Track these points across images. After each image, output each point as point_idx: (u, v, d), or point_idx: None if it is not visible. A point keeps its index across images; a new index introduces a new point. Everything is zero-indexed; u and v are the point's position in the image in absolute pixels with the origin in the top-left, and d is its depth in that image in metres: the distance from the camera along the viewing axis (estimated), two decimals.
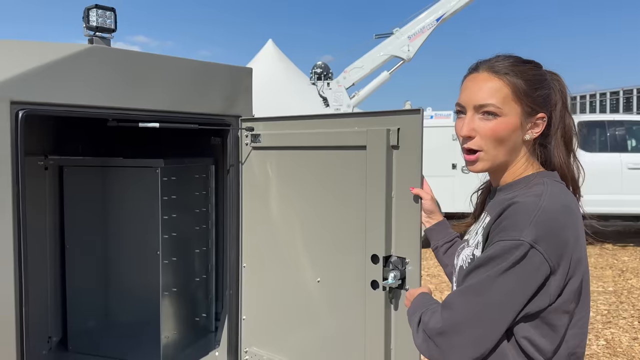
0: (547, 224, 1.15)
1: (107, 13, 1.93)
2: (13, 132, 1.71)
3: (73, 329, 2.72)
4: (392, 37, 9.74)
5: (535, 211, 1.16)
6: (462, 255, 1.36)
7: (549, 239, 1.14)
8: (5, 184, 1.70)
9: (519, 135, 1.31)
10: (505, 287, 1.13)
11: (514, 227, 1.15)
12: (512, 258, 1.12)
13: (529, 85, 1.30)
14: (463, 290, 1.17)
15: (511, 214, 1.18)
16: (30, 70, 1.76)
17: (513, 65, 1.31)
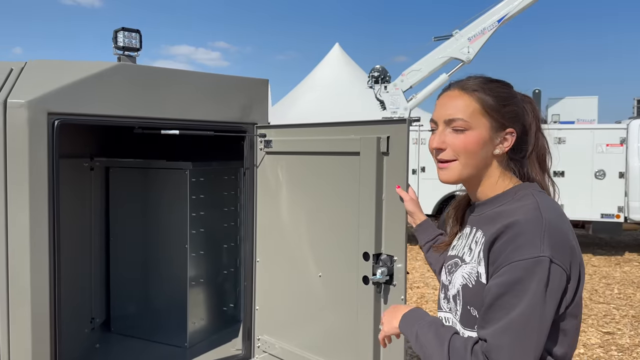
0: (556, 235, 1.18)
1: (132, 34, 2.20)
2: (50, 138, 2.01)
3: (115, 312, 3.06)
4: (452, 39, 9.69)
5: (542, 225, 1.19)
6: (462, 273, 1.34)
7: (561, 249, 1.18)
8: (42, 180, 2.00)
9: (488, 149, 1.36)
10: (542, 310, 1.15)
11: (528, 245, 1.16)
12: (537, 277, 1.14)
13: (497, 101, 1.36)
14: (505, 328, 1.15)
15: (519, 231, 1.19)
16: (65, 85, 2.06)
17: (482, 83, 1.39)
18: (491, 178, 1.39)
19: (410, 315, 1.41)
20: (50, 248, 2.04)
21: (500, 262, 1.20)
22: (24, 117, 1.97)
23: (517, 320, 1.15)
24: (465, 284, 1.32)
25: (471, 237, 1.38)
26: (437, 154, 1.38)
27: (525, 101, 1.42)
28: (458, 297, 1.34)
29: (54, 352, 2.07)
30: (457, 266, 1.38)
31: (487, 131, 1.35)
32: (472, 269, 1.31)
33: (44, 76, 2.08)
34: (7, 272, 2.00)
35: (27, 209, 1.98)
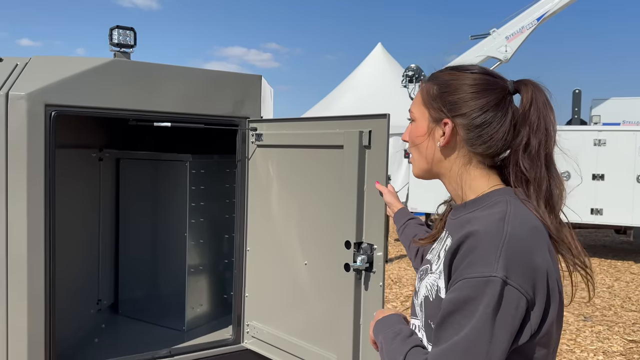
0: (517, 253, 1.04)
1: (127, 32, 2.35)
2: (47, 128, 2.18)
3: (123, 296, 3.23)
4: (489, 37, 9.55)
5: (501, 239, 1.05)
6: (426, 283, 1.25)
7: (520, 269, 1.03)
8: (39, 167, 2.17)
9: (431, 142, 1.25)
10: (490, 336, 1.02)
11: (481, 261, 1.04)
12: (486, 299, 1.01)
13: (440, 89, 1.23)
14: (447, 350, 1.04)
15: (475, 244, 1.07)
16: (62, 79, 2.22)
17: (440, 71, 1.28)
18: (459, 178, 1.25)
19: (382, 322, 1.32)
20: (46, 231, 2.21)
21: (455, 276, 1.09)
22: (24, 108, 2.14)
23: (460, 344, 1.03)
24: (427, 296, 1.22)
25: (442, 243, 1.28)
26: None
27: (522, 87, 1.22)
28: (420, 308, 1.25)
29: (48, 329, 2.23)
30: (426, 273, 1.29)
31: (427, 122, 1.25)
32: (434, 280, 1.21)
33: (44, 71, 2.25)
34: (6, 253, 2.18)
35: (25, 193, 2.15)
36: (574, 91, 9.58)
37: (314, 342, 2.41)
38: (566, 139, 1.31)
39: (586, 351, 4.79)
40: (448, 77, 1.25)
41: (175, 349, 2.57)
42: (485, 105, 1.19)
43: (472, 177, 1.24)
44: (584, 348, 4.87)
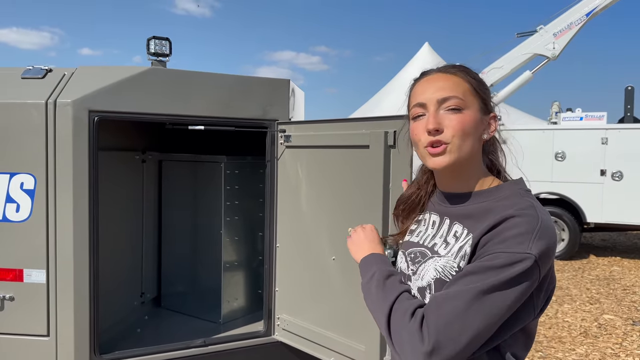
0: (547, 239, 1.14)
1: (163, 42, 2.52)
2: (90, 132, 2.37)
3: (164, 290, 3.43)
4: (536, 35, 9.35)
5: (538, 224, 1.14)
6: (435, 266, 1.28)
7: (546, 254, 1.13)
8: (83, 168, 2.36)
9: (479, 132, 1.29)
10: (500, 302, 1.10)
11: (519, 239, 1.12)
12: (515, 270, 1.10)
13: (479, 84, 1.31)
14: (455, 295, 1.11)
15: (511, 225, 1.14)
16: (104, 87, 2.41)
17: (460, 68, 1.33)
18: (473, 168, 1.32)
19: (372, 259, 1.41)
20: (91, 228, 2.40)
21: (482, 251, 1.16)
22: (70, 114, 2.34)
23: (470, 293, 1.10)
24: (439, 278, 1.25)
25: (444, 229, 1.33)
26: (433, 136, 1.26)
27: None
28: (428, 289, 1.28)
29: (93, 320, 2.42)
30: (426, 257, 1.32)
31: (478, 112, 1.28)
32: (447, 262, 1.25)
33: (88, 79, 2.45)
34: (55, 249, 2.38)
35: (71, 192, 2.36)
36: (626, 88, 9.25)
37: (342, 334, 2.50)
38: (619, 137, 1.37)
39: (631, 355, 4.66)
40: (476, 75, 1.34)
41: (210, 340, 2.72)
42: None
43: (482, 168, 1.35)
44: (630, 352, 4.74)
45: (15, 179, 2.38)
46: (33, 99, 2.37)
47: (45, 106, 2.35)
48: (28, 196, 2.37)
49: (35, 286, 2.40)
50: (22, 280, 2.41)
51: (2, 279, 2.42)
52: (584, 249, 9.56)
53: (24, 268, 2.41)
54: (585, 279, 7.55)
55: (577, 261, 8.74)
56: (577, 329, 5.40)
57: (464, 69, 1.33)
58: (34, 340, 2.43)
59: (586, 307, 6.16)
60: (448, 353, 1.09)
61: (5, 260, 2.41)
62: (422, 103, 1.29)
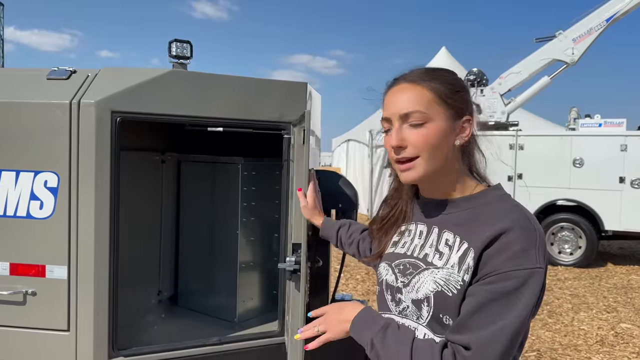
0: (544, 246, 1.19)
1: (184, 45, 2.57)
2: (113, 132, 2.43)
3: (181, 289, 3.48)
4: (555, 40, 9.33)
5: (536, 236, 1.18)
6: (434, 279, 1.26)
7: (546, 259, 1.20)
8: (105, 167, 2.42)
9: (450, 141, 1.29)
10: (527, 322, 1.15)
11: (524, 255, 1.14)
12: (531, 289, 1.13)
13: (449, 88, 1.30)
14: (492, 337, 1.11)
15: (514, 240, 1.16)
16: (126, 88, 2.47)
17: (427, 73, 1.32)
18: (451, 175, 1.33)
19: (362, 319, 1.31)
20: (111, 226, 2.45)
21: (490, 269, 1.16)
22: (93, 115, 2.40)
23: (505, 331, 1.10)
24: (440, 291, 1.24)
25: (433, 237, 1.32)
26: (397, 153, 1.29)
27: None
28: (426, 302, 1.26)
29: (112, 316, 2.47)
30: (419, 268, 1.31)
31: (446, 121, 1.28)
32: (450, 275, 1.24)
33: (111, 81, 2.51)
34: (77, 246, 2.44)
35: (93, 191, 2.41)
36: None
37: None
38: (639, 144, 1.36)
39: None
40: (452, 77, 1.34)
41: (225, 338, 2.76)
42: (473, 103, 1.36)
43: (462, 173, 1.35)
44: None
45: (39, 177, 2.44)
46: (57, 99, 2.43)
47: (69, 106, 2.41)
48: (51, 194, 2.44)
49: (57, 282, 2.46)
50: (44, 276, 2.47)
51: (25, 274, 2.48)
52: (602, 257, 9.45)
53: (46, 264, 2.47)
54: (603, 287, 7.46)
55: (595, 269, 8.65)
56: (594, 337, 5.35)
57: (431, 75, 1.31)
58: (55, 334, 2.48)
59: (603, 316, 6.09)
60: None
61: (29, 256, 2.47)
62: (387, 118, 1.32)
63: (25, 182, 2.45)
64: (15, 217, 2.47)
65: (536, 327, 5.53)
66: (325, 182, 3.20)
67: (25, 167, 2.46)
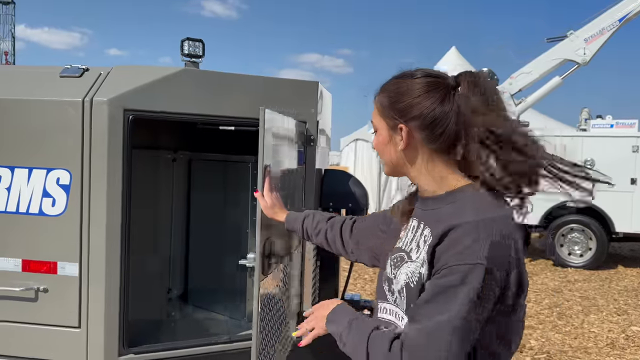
0: (495, 243, 1.18)
1: (196, 43, 2.57)
2: (125, 130, 2.44)
3: (191, 286, 3.49)
4: (566, 40, 9.24)
5: (481, 230, 1.19)
6: (406, 271, 1.34)
7: (499, 257, 1.18)
8: (117, 165, 2.42)
9: (394, 146, 1.38)
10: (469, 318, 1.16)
11: (466, 250, 1.17)
12: (470, 285, 1.15)
13: (389, 99, 1.38)
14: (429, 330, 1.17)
15: (458, 236, 1.20)
16: (139, 86, 2.47)
17: (387, 83, 1.43)
18: (418, 174, 1.38)
19: (335, 314, 1.43)
20: (123, 223, 2.45)
21: (441, 263, 1.21)
22: (105, 113, 2.41)
23: (451, 323, 1.15)
24: (407, 283, 1.32)
25: (419, 233, 1.37)
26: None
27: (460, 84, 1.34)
28: (402, 293, 1.34)
29: (122, 314, 2.48)
30: (403, 261, 1.38)
31: (387, 131, 1.40)
32: (415, 268, 1.31)
33: (123, 79, 2.51)
34: (88, 243, 2.45)
35: (105, 187, 2.42)
36: None
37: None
38: None
39: None
40: (394, 87, 1.39)
41: (235, 337, 2.76)
42: (432, 105, 1.31)
43: (439, 172, 1.37)
44: None
45: (52, 175, 2.46)
46: (70, 97, 2.44)
47: (82, 104, 2.42)
48: (63, 191, 2.45)
49: (68, 279, 2.47)
50: (55, 273, 2.48)
51: (37, 271, 2.50)
52: (612, 259, 9.38)
53: (57, 261, 2.48)
54: (613, 290, 7.41)
55: (605, 271, 8.58)
56: (604, 340, 5.31)
57: (384, 86, 1.42)
58: (66, 331, 2.50)
59: (613, 318, 6.05)
60: None
61: (41, 252, 2.49)
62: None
63: (37, 180, 2.47)
64: (27, 214, 2.48)
65: (546, 329, 5.50)
66: (335, 181, 3.20)
67: (38, 165, 2.47)
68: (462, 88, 1.33)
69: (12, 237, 2.51)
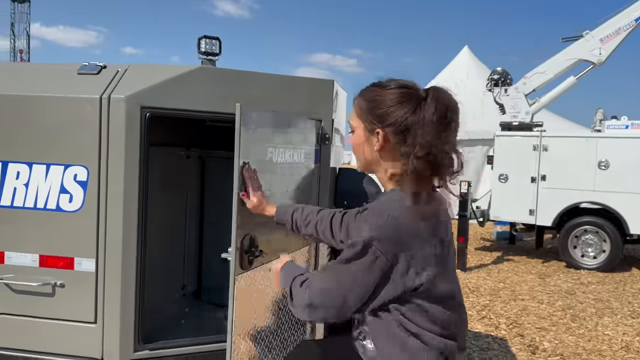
0: (389, 228, 1.44)
1: (213, 41, 2.58)
2: (142, 127, 2.45)
3: (205, 284, 3.50)
4: (582, 40, 9.15)
5: (375, 215, 1.48)
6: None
7: (390, 240, 1.44)
8: (134, 161, 2.43)
9: (369, 147, 1.60)
10: (351, 274, 1.49)
11: (359, 228, 1.51)
12: (352, 252, 1.48)
13: (368, 104, 1.58)
14: (324, 274, 1.65)
15: (360, 218, 1.55)
16: (156, 84, 2.48)
17: (366, 88, 1.62)
18: (382, 172, 1.63)
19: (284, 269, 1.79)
20: (139, 220, 2.47)
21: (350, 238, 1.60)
22: (123, 110, 2.42)
23: (330, 275, 1.56)
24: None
25: None
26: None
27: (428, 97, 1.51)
28: None
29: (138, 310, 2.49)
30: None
31: (363, 131, 1.60)
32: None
33: (140, 76, 2.53)
34: (105, 238, 2.46)
35: (122, 184, 2.43)
36: None
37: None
38: None
39: None
40: (373, 94, 1.58)
41: None
42: (405, 114, 1.51)
43: (390, 175, 1.59)
44: None
45: (69, 171, 2.48)
46: (88, 94, 2.46)
47: (99, 101, 2.44)
48: (81, 187, 2.47)
49: (85, 274, 2.49)
50: (72, 268, 2.50)
51: (54, 266, 2.52)
52: (627, 261, 9.27)
53: (74, 256, 2.50)
54: (627, 292, 7.33)
55: (619, 274, 8.49)
56: (619, 343, 5.25)
57: (363, 92, 1.62)
58: (82, 326, 2.52)
59: (628, 321, 5.98)
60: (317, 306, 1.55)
61: (58, 248, 2.51)
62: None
63: (55, 176, 2.49)
64: (45, 209, 2.50)
65: (559, 332, 5.45)
66: (350, 180, 3.19)
67: (56, 161, 2.49)
68: (429, 100, 1.50)
69: (30, 233, 2.53)
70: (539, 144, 8.92)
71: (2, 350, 2.58)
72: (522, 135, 9.00)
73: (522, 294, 7.02)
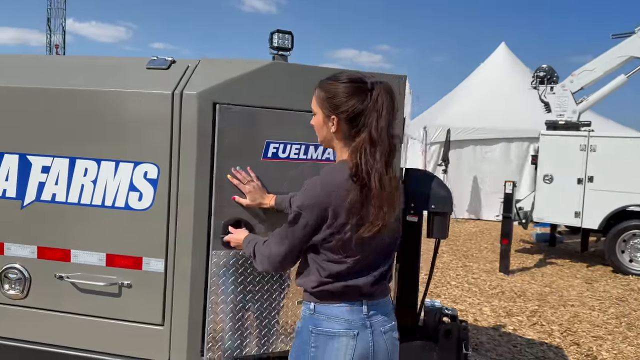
0: (314, 194, 1.87)
1: (285, 36, 2.48)
2: (214, 125, 2.36)
3: None
4: (634, 36, 8.83)
5: (309, 183, 1.92)
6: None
7: (309, 205, 1.87)
8: (206, 162, 2.34)
9: (327, 129, 1.97)
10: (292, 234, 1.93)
11: (300, 196, 1.93)
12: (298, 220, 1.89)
13: (325, 95, 1.95)
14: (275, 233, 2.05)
15: (301, 189, 1.95)
16: (228, 79, 2.39)
17: (324, 81, 1.99)
18: (339, 150, 1.98)
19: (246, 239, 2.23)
20: (210, 220, 2.38)
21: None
22: (195, 106, 2.34)
23: (277, 233, 2.02)
24: None
25: None
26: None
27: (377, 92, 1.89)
28: None
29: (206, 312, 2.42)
30: None
31: (321, 117, 1.98)
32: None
33: (211, 72, 2.44)
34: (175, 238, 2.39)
35: (193, 184, 2.35)
36: None
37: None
38: None
39: None
40: (329, 86, 1.95)
41: None
42: (354, 104, 1.88)
43: (342, 152, 1.96)
44: None
45: (139, 168, 2.41)
46: (160, 90, 2.38)
47: (171, 97, 2.36)
48: (151, 185, 2.39)
49: (153, 275, 2.42)
50: (140, 268, 2.43)
51: (121, 266, 2.46)
52: None
53: (143, 256, 2.43)
54: None
55: None
56: None
57: (321, 83, 2.00)
58: (149, 328, 2.45)
59: None
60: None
61: (126, 247, 2.44)
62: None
63: (124, 173, 2.42)
64: (113, 207, 2.44)
65: (617, 341, 5.23)
66: (418, 181, 3.05)
67: (125, 158, 2.42)
68: (376, 94, 1.87)
69: (97, 231, 2.47)
70: (587, 144, 8.62)
71: (66, 350, 2.53)
72: (569, 134, 8.72)
73: (571, 299, 6.78)
